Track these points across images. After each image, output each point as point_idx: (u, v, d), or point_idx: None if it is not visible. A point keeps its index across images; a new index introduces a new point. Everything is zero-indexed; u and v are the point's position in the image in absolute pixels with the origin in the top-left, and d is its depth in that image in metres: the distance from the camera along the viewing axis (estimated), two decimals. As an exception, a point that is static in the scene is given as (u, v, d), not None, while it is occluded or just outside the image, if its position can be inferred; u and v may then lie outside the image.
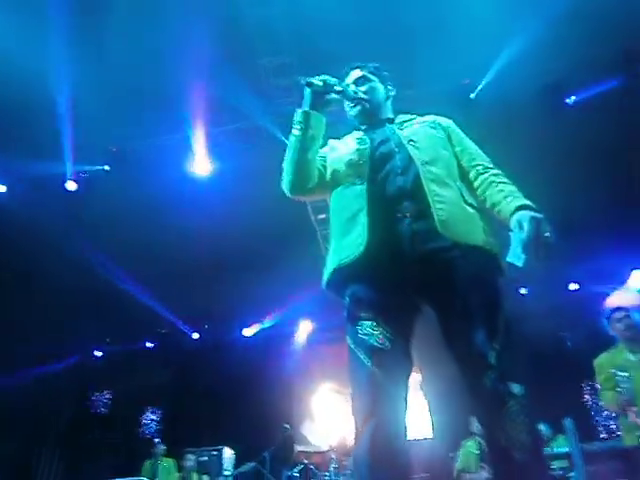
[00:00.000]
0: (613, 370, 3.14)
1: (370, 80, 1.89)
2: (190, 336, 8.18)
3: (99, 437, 8.22)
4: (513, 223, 1.47)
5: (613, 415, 3.51)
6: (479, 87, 5.13)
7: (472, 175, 1.69)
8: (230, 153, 6.09)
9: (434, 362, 4.80)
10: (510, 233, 1.47)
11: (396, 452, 1.35)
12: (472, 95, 5.17)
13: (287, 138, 1.75)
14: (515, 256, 1.41)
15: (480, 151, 1.76)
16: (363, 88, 1.86)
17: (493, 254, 1.52)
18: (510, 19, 4.56)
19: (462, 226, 1.51)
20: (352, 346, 1.49)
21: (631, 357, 3.16)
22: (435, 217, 1.49)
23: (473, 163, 1.71)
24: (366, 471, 1.33)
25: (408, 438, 1.42)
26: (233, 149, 6.08)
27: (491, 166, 1.70)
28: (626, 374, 3.05)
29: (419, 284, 1.51)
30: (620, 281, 6.95)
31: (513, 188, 1.61)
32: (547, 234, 1.41)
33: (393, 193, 1.58)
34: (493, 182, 1.63)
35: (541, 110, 5.35)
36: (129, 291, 7.33)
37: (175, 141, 5.91)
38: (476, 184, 1.67)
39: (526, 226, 1.42)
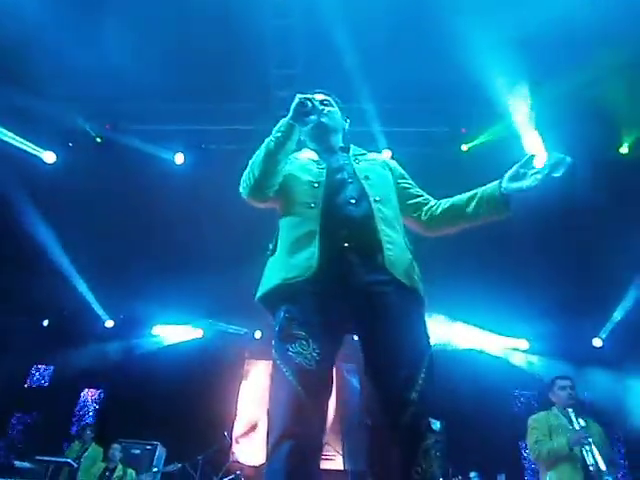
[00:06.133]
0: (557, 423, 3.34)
1: (333, 105, 2.05)
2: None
3: (33, 412, 7.92)
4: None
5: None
6: (474, 142, 5.19)
7: (422, 200, 1.91)
8: (217, 153, 6.04)
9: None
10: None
11: (311, 474, 1.35)
12: (464, 146, 5.23)
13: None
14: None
15: None
16: (327, 108, 2.00)
17: (421, 296, 1.65)
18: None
19: (403, 267, 1.63)
20: (278, 362, 1.49)
21: (564, 422, 3.35)
22: (385, 255, 1.60)
23: (420, 192, 1.95)
24: None
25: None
26: (222, 149, 6.01)
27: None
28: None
29: (353, 312, 1.56)
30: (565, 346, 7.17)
31: None
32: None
33: (343, 222, 1.65)
34: (448, 200, 1.84)
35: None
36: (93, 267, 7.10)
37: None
38: (430, 204, 1.88)
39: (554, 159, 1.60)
